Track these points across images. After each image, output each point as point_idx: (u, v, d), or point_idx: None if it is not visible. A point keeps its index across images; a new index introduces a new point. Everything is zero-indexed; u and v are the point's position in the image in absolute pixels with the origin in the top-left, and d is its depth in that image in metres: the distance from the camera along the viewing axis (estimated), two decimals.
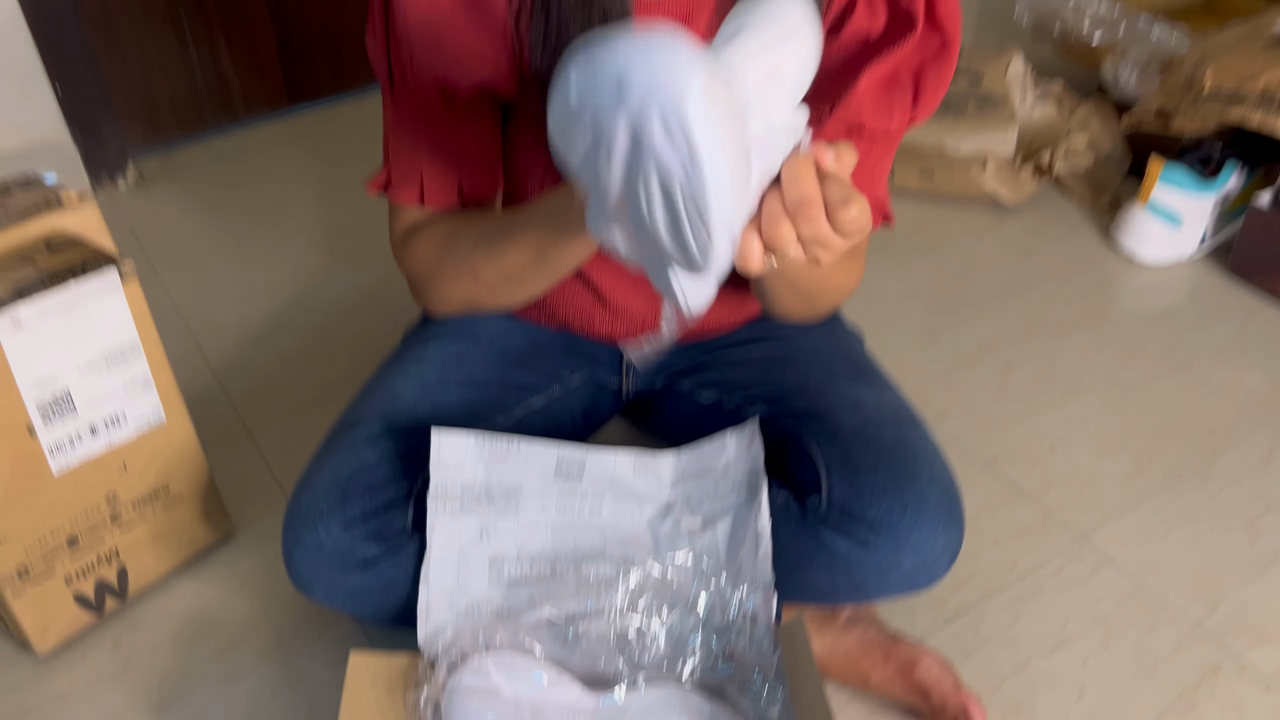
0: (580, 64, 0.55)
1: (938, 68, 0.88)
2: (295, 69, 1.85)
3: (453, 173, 0.90)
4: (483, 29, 0.83)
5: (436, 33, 0.83)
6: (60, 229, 0.99)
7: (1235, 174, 1.43)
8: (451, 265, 0.90)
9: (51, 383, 0.93)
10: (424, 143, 0.89)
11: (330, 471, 0.91)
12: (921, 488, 0.88)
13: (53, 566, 0.99)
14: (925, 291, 1.44)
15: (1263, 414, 1.24)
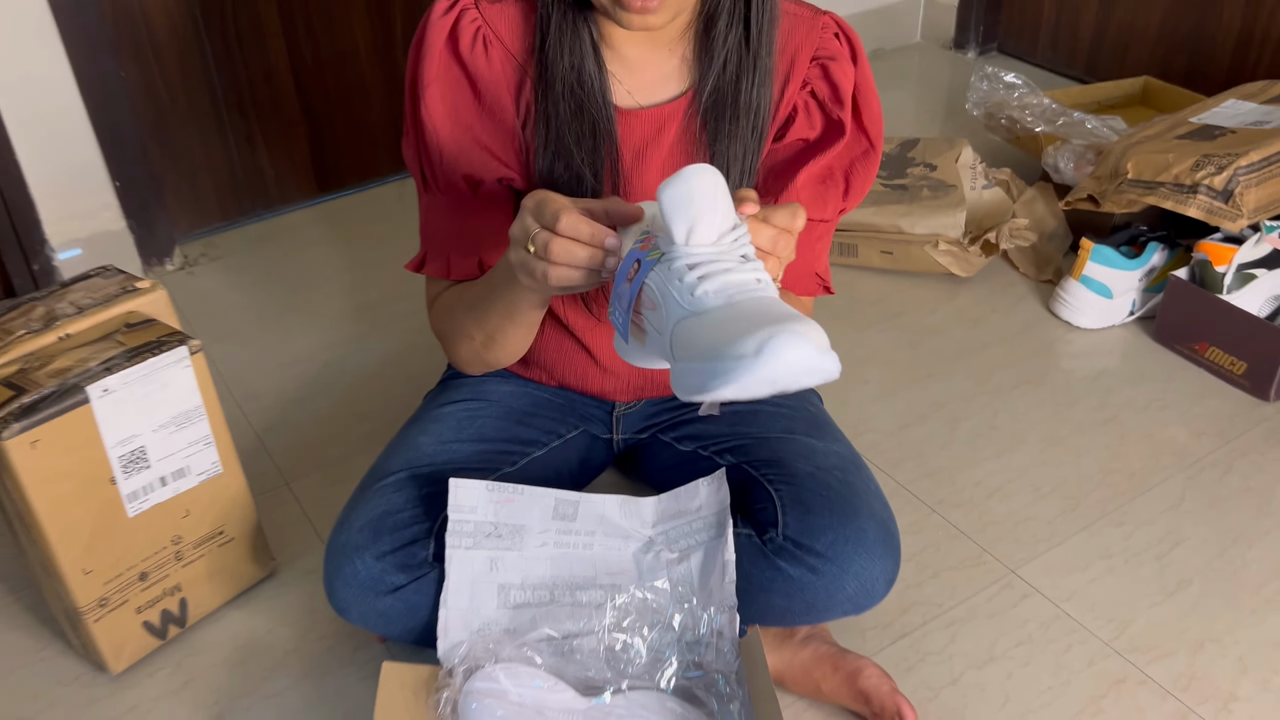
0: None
1: (864, 166, 1.09)
2: (324, 161, 2.06)
3: (474, 252, 1.08)
4: (497, 135, 1.03)
5: (459, 140, 1.02)
6: (137, 311, 1.18)
7: (1158, 252, 1.61)
8: (455, 329, 1.09)
9: (131, 441, 1.11)
10: (451, 227, 1.08)
11: (364, 513, 1.08)
12: (861, 523, 1.05)
13: (126, 597, 1.16)
14: (885, 355, 1.62)
15: (1178, 462, 1.40)
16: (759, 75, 1.01)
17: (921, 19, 2.65)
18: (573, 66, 0.98)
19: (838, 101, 1.05)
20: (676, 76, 1.03)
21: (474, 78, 1.01)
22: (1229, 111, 1.68)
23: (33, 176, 1.72)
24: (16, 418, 1.02)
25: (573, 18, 0.98)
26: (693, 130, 1.04)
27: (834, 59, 1.05)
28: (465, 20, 1.00)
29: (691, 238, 0.76)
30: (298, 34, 1.90)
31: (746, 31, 0.99)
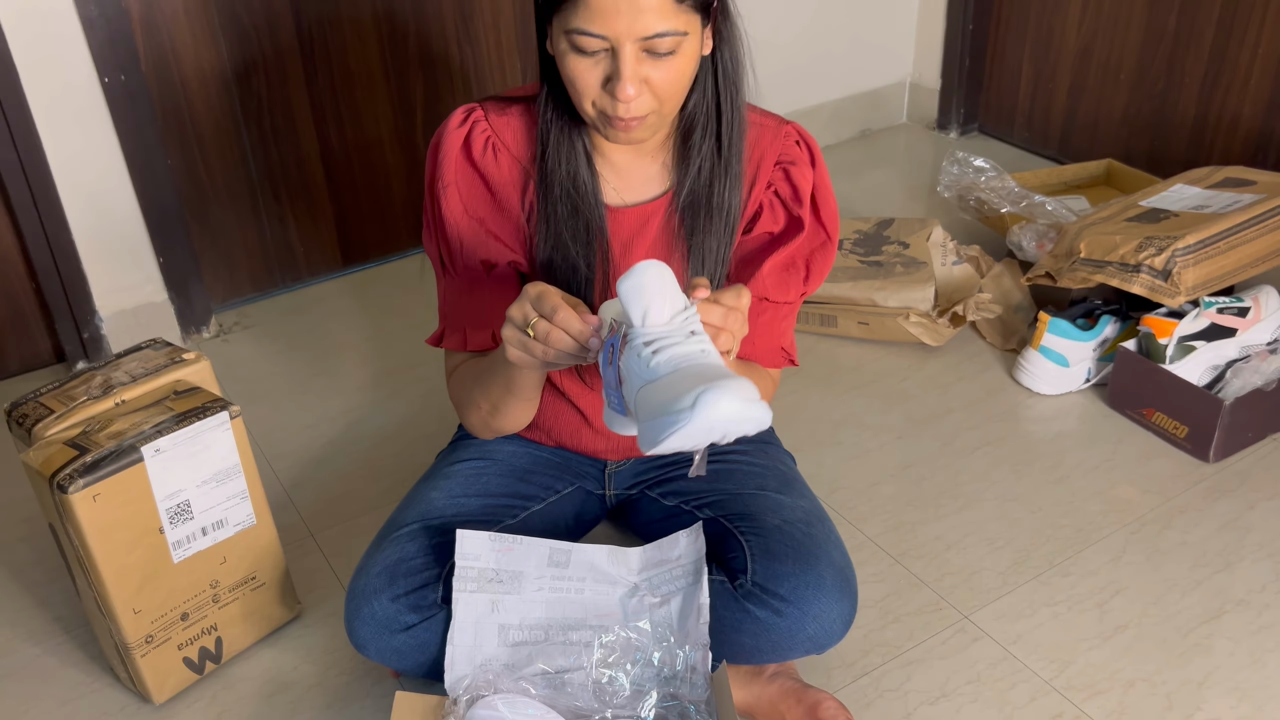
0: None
1: (823, 255, 1.24)
2: (349, 237, 2.24)
3: (489, 325, 1.22)
4: (505, 227, 1.19)
5: (474, 231, 1.18)
6: (184, 380, 1.34)
7: (1110, 324, 1.76)
8: (467, 399, 1.24)
9: (177, 495, 1.26)
10: (467, 304, 1.23)
11: (381, 560, 1.22)
12: (821, 570, 1.19)
13: (170, 635, 1.31)
14: (859, 419, 1.76)
15: (1123, 518, 1.53)
16: (729, 179, 1.17)
17: (907, 101, 2.83)
18: (569, 173, 1.14)
19: (798, 200, 1.21)
20: (658, 179, 1.19)
21: (486, 178, 1.18)
22: (1175, 196, 1.83)
23: (85, 253, 1.90)
24: (80, 474, 1.18)
25: (568, 131, 1.14)
26: (672, 225, 1.19)
27: (794, 163, 1.21)
28: (477, 131, 1.17)
29: (646, 320, 0.92)
30: (327, 125, 2.09)
31: (718, 142, 1.15)
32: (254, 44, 1.96)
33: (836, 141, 2.74)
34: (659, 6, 0.99)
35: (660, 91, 1.04)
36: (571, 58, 1.03)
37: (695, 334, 0.93)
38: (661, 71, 1.03)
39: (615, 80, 1.02)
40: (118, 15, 1.78)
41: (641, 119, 1.06)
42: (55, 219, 1.84)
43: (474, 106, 1.18)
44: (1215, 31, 2.16)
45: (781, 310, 1.26)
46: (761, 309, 1.23)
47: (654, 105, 1.05)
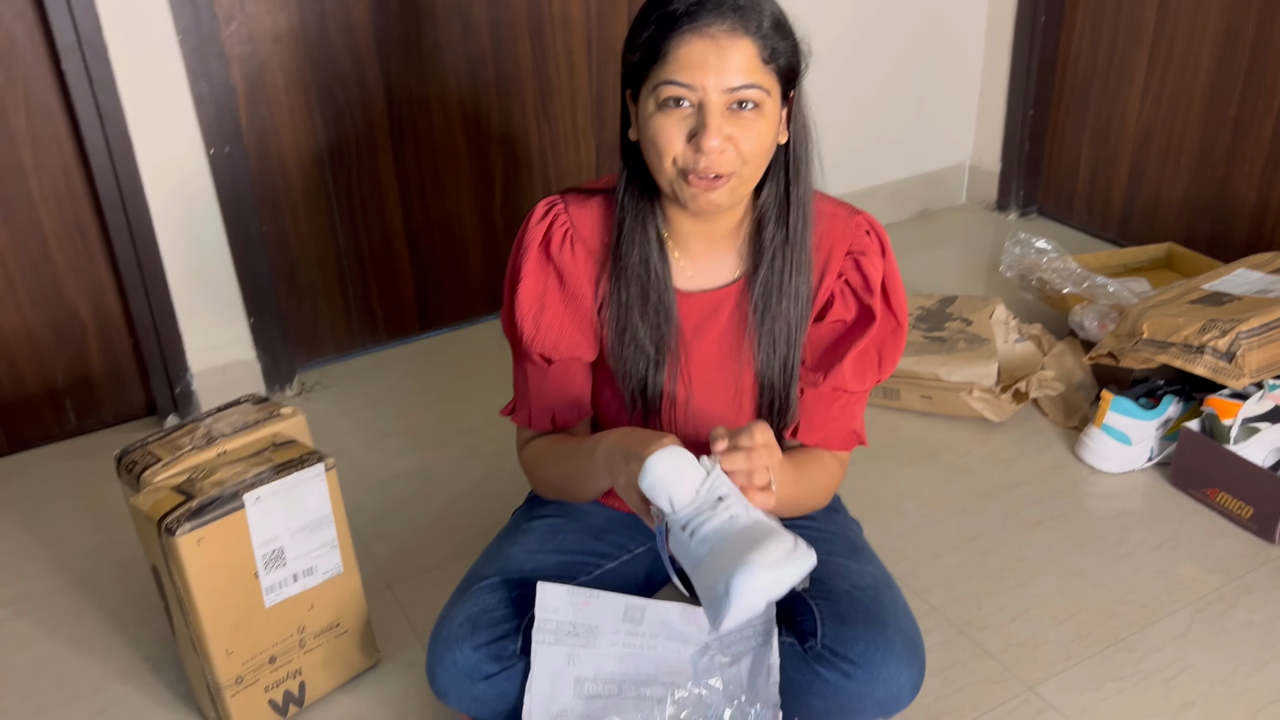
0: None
1: (894, 342, 1.28)
2: (427, 303, 2.33)
3: (549, 412, 1.31)
4: (575, 318, 1.25)
5: (543, 323, 1.25)
6: (282, 433, 1.41)
7: (1173, 404, 1.78)
8: (542, 470, 1.32)
9: (273, 542, 1.33)
10: (532, 390, 1.31)
11: (463, 611, 1.27)
12: (890, 636, 1.22)
13: (258, 677, 1.36)
14: (923, 491, 1.79)
15: (1187, 596, 1.54)
16: (798, 267, 1.22)
17: (967, 183, 2.90)
18: (641, 256, 1.21)
19: (869, 290, 1.24)
20: (731, 265, 1.25)
21: (561, 272, 1.24)
22: (1238, 280, 1.87)
23: (182, 312, 2.01)
24: (187, 519, 1.25)
25: (643, 215, 1.20)
26: (744, 311, 1.24)
27: (865, 253, 1.24)
28: (557, 224, 1.23)
29: (674, 506, 1.03)
30: (411, 197, 2.20)
31: (787, 230, 1.21)
32: (347, 121, 2.08)
33: (897, 220, 2.81)
34: (746, 63, 1.07)
35: (744, 150, 1.09)
36: (659, 117, 1.09)
37: (723, 499, 1.02)
38: (744, 130, 1.08)
39: (701, 132, 1.07)
40: (225, 92, 1.91)
41: (725, 178, 1.10)
42: (157, 280, 1.95)
43: (556, 199, 1.25)
44: (1276, 120, 2.21)
45: (856, 398, 1.30)
46: (836, 398, 1.28)
47: (737, 165, 1.10)
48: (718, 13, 1.06)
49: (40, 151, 1.84)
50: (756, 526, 1.00)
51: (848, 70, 2.55)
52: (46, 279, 1.92)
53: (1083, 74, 2.58)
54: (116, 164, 1.84)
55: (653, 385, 1.25)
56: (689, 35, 1.06)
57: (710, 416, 1.28)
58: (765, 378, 1.27)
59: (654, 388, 1.26)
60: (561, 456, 1.27)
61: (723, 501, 1.02)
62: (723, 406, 1.28)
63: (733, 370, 1.27)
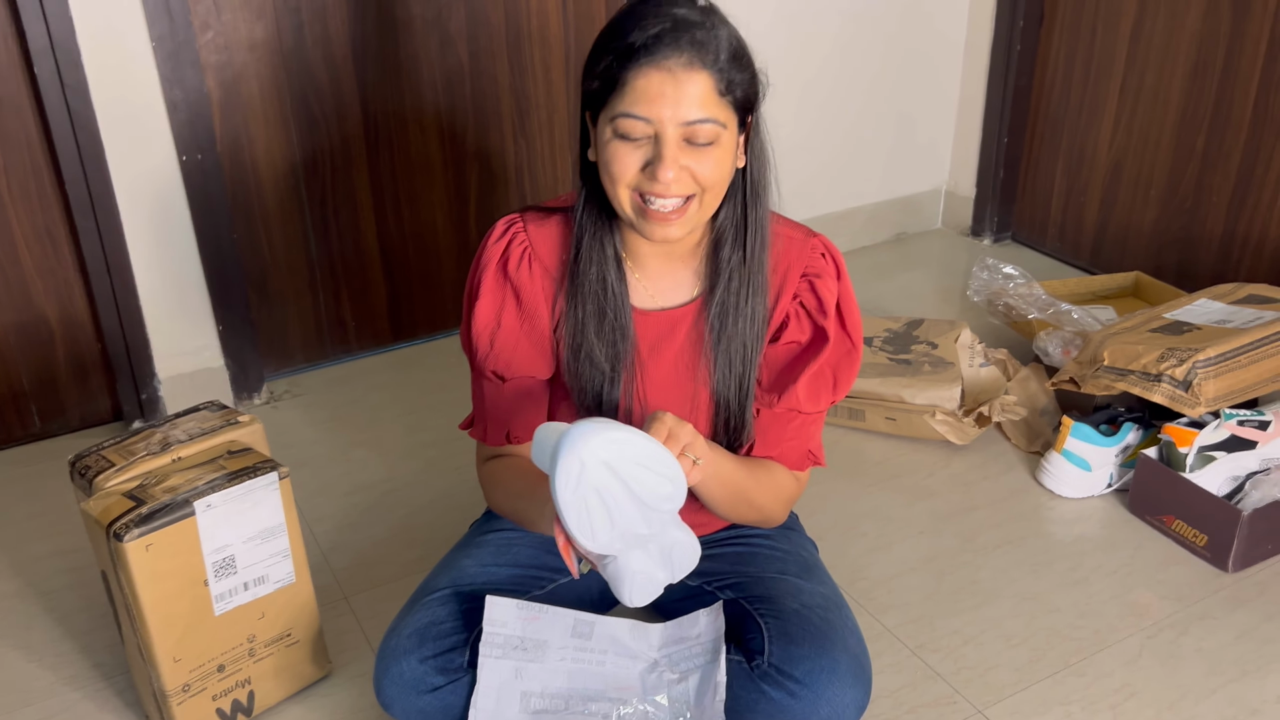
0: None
1: (849, 363, 1.29)
2: (399, 314, 2.33)
3: (503, 428, 1.31)
4: (531, 336, 1.26)
5: (499, 341, 1.25)
6: (238, 441, 1.41)
7: (1133, 431, 1.79)
8: (495, 497, 1.32)
9: (224, 550, 1.33)
10: (488, 405, 1.31)
11: (412, 623, 1.28)
12: (836, 656, 1.22)
13: (206, 685, 1.36)
14: (883, 512, 1.80)
15: (1139, 623, 1.55)
16: (754, 288, 1.23)
17: (942, 208, 2.92)
18: (598, 275, 1.21)
19: (823, 312, 1.25)
20: (688, 285, 1.26)
21: (518, 290, 1.25)
22: (1199, 310, 1.88)
23: (150, 318, 2.01)
24: (136, 524, 1.25)
25: (600, 234, 1.21)
26: (700, 330, 1.25)
27: (820, 276, 1.26)
28: (515, 243, 1.24)
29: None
30: (385, 209, 2.20)
31: (744, 252, 1.22)
32: (322, 131, 2.08)
33: (872, 243, 2.83)
34: (702, 96, 1.08)
35: (701, 177, 1.10)
36: (614, 144, 1.10)
37: None
38: (700, 163, 1.10)
39: (656, 163, 1.08)
40: (199, 99, 1.91)
41: (680, 210, 1.12)
42: (126, 285, 1.95)
43: (516, 217, 1.26)
44: (1243, 153, 2.23)
45: (812, 418, 1.31)
46: (791, 418, 1.29)
47: (694, 190, 1.11)
48: (674, 46, 1.07)
49: (10, 153, 1.84)
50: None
51: (827, 94, 2.57)
52: (14, 281, 1.92)
53: (1057, 103, 2.60)
54: (87, 168, 1.84)
55: (608, 402, 1.26)
56: (646, 68, 1.07)
57: None
58: (721, 397, 1.28)
59: (609, 404, 1.26)
60: (513, 494, 1.27)
61: None
62: None
63: (688, 389, 1.28)
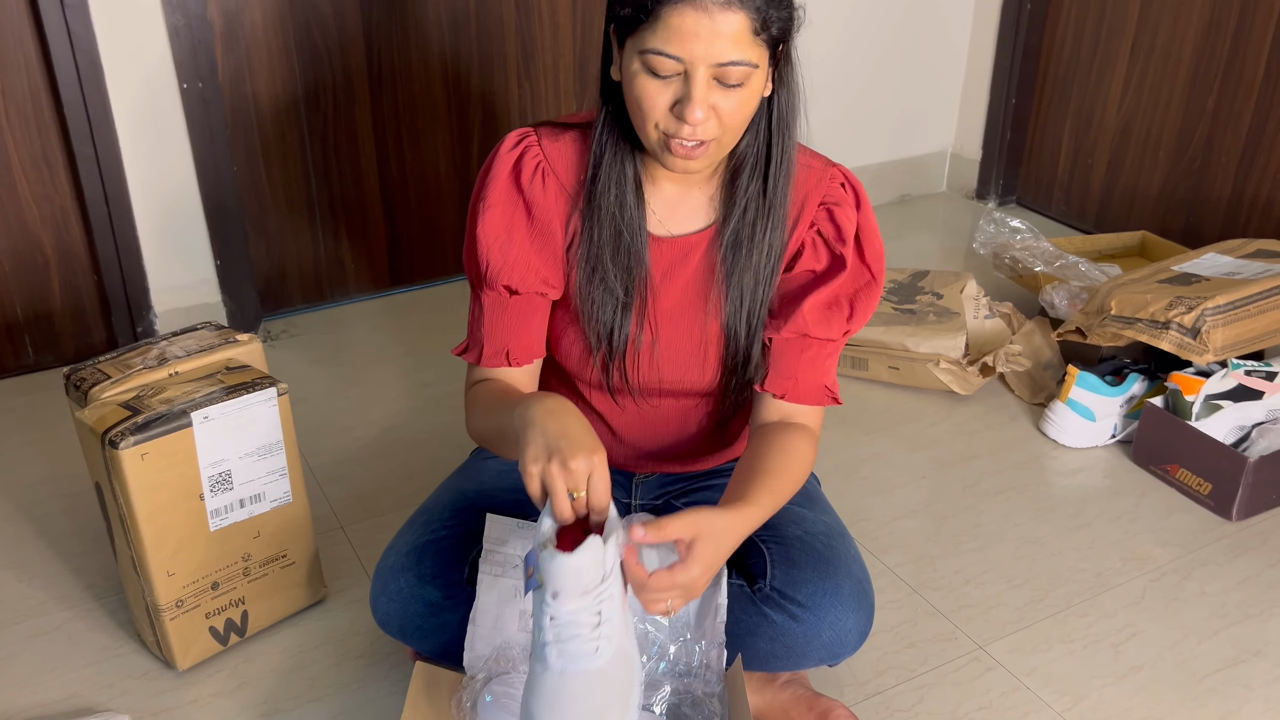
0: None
1: (867, 294, 1.24)
2: (398, 258, 2.31)
3: (503, 347, 1.25)
4: (542, 254, 1.20)
5: (508, 256, 1.20)
6: (235, 359, 1.39)
7: (1138, 382, 1.78)
8: (473, 420, 1.25)
9: (221, 464, 1.31)
10: (488, 324, 1.25)
11: (410, 541, 1.26)
12: (839, 580, 1.21)
13: (199, 603, 1.34)
14: (885, 457, 1.79)
15: (1142, 567, 1.54)
16: (773, 220, 1.19)
17: (948, 170, 2.90)
18: (617, 198, 1.17)
19: (841, 240, 1.21)
20: (704, 212, 1.21)
21: (530, 205, 1.20)
22: (1207, 263, 1.87)
23: (148, 250, 1.98)
24: (131, 432, 1.23)
25: (621, 156, 1.17)
26: (712, 260, 1.21)
27: (839, 204, 1.22)
28: (529, 155, 1.19)
29: (556, 600, 0.97)
30: (387, 149, 2.18)
31: (765, 183, 1.17)
32: (325, 65, 2.06)
33: (876, 204, 2.81)
34: (736, 35, 1.03)
35: (725, 120, 1.07)
36: (642, 78, 1.06)
37: (600, 619, 0.98)
38: (728, 102, 1.05)
39: (685, 103, 1.04)
40: (201, 27, 1.88)
41: (704, 147, 1.08)
42: (123, 215, 1.92)
43: (529, 131, 1.21)
44: (1254, 113, 2.22)
45: (826, 348, 1.25)
46: (804, 345, 1.23)
47: (717, 133, 1.07)
48: None
49: (8, 75, 1.81)
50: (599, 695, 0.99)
51: (834, 52, 2.55)
52: (10, 208, 1.89)
53: (1066, 63, 2.58)
54: (86, 93, 1.81)
55: (619, 329, 1.22)
56: (681, 4, 1.03)
57: (675, 362, 1.26)
58: (731, 329, 1.25)
59: (620, 331, 1.23)
60: (489, 409, 1.20)
61: (599, 628, 0.98)
62: (688, 354, 1.26)
63: (699, 319, 1.25)
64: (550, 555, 0.96)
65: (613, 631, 0.99)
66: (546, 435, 1.01)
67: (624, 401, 1.29)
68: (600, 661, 0.98)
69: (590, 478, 0.99)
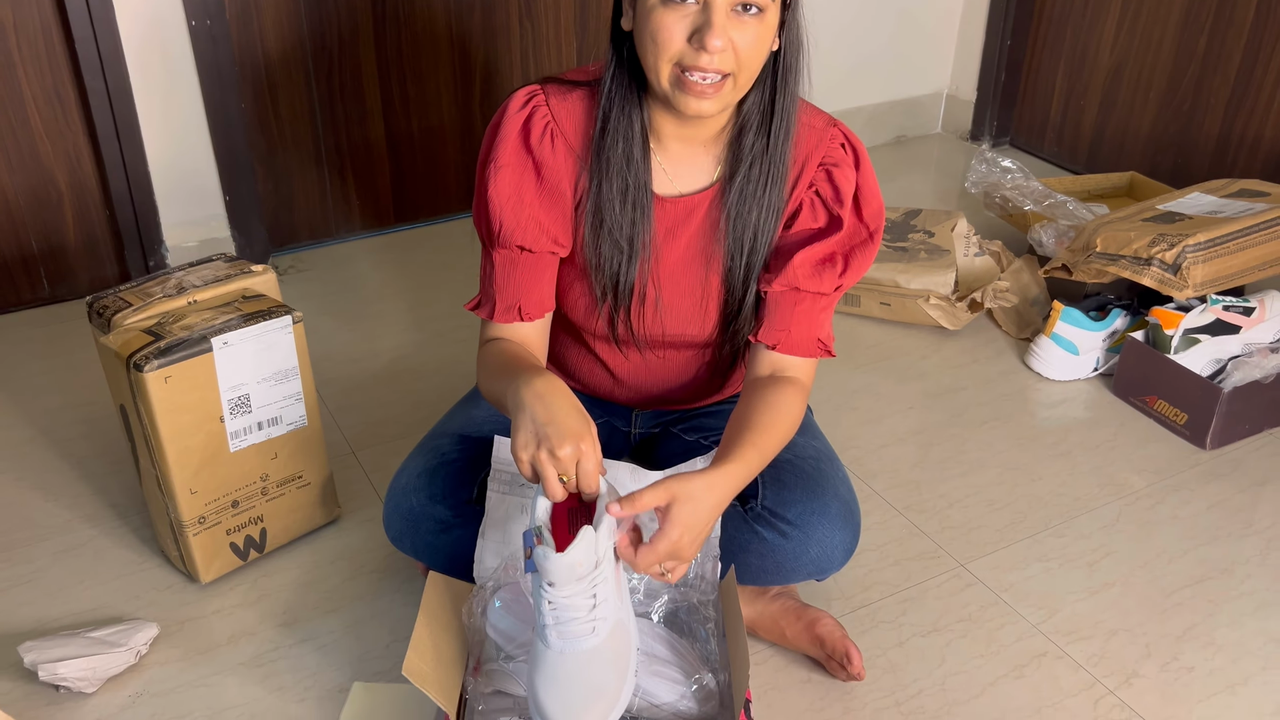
0: None
1: (863, 251, 1.27)
2: (403, 196, 2.35)
3: (515, 304, 1.27)
4: (551, 213, 1.23)
5: (518, 216, 1.22)
6: (251, 288, 1.45)
7: (1121, 317, 1.84)
8: (482, 381, 1.27)
9: (240, 388, 1.37)
10: (499, 283, 1.27)
11: (422, 462, 1.32)
12: (826, 500, 1.27)
13: (220, 519, 1.41)
14: (874, 389, 1.85)
15: (1119, 493, 1.61)
16: (775, 177, 1.22)
17: (943, 112, 2.93)
18: (624, 152, 1.19)
19: (838, 201, 1.24)
20: (708, 171, 1.24)
21: (539, 165, 1.21)
22: (1191, 202, 1.92)
23: (159, 185, 2.03)
24: (155, 356, 1.29)
25: (630, 110, 1.18)
26: (715, 218, 1.24)
27: (838, 165, 1.24)
28: (537, 116, 1.21)
29: (552, 588, 1.03)
30: (391, 86, 2.21)
31: (768, 140, 1.20)
32: (330, 4, 2.08)
33: (871, 145, 2.84)
34: None
35: (741, 56, 1.08)
36: (660, 11, 1.07)
37: (595, 602, 1.04)
38: (746, 35, 1.07)
39: (705, 30, 1.05)
40: None
41: (719, 85, 1.09)
42: (135, 150, 1.97)
43: (536, 89, 1.22)
44: (1243, 55, 2.26)
45: (819, 302, 1.27)
46: (797, 299, 1.25)
47: (733, 67, 1.09)
48: None
49: (19, 10, 1.84)
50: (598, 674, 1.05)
51: None
52: (23, 142, 1.93)
53: (1061, 5, 2.61)
54: (97, 28, 1.85)
55: (624, 281, 1.25)
56: None
57: (677, 316, 1.29)
58: (731, 284, 1.27)
59: (625, 283, 1.25)
60: (494, 374, 1.22)
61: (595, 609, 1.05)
62: (690, 308, 1.29)
63: (700, 274, 1.27)
64: (545, 554, 1.01)
65: (608, 611, 1.06)
66: (535, 422, 1.05)
67: (628, 351, 1.34)
68: (597, 640, 1.05)
69: (579, 463, 1.04)
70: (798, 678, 1.30)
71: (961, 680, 1.30)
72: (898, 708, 1.26)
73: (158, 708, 1.25)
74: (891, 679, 1.30)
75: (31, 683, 1.28)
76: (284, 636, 1.35)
